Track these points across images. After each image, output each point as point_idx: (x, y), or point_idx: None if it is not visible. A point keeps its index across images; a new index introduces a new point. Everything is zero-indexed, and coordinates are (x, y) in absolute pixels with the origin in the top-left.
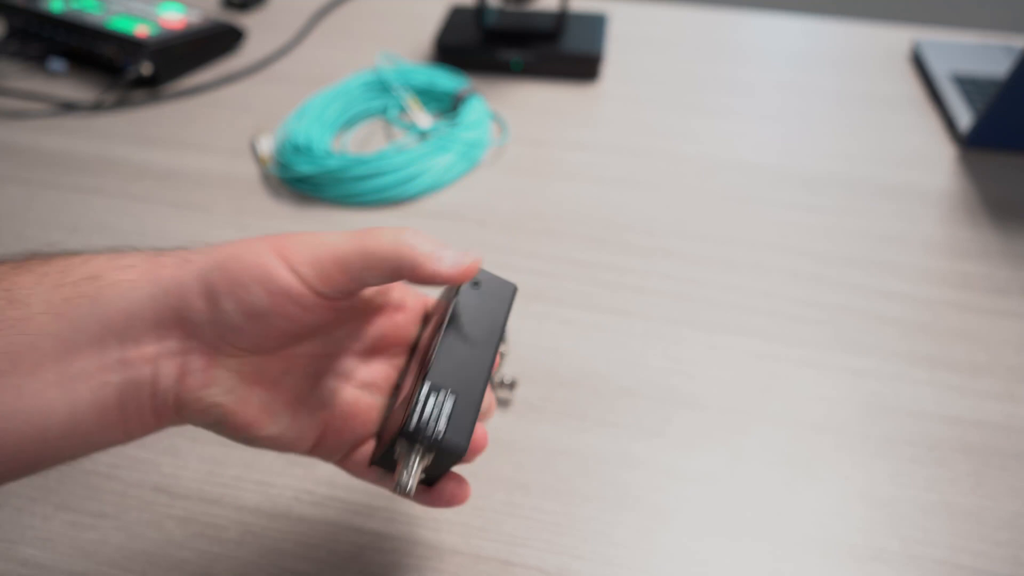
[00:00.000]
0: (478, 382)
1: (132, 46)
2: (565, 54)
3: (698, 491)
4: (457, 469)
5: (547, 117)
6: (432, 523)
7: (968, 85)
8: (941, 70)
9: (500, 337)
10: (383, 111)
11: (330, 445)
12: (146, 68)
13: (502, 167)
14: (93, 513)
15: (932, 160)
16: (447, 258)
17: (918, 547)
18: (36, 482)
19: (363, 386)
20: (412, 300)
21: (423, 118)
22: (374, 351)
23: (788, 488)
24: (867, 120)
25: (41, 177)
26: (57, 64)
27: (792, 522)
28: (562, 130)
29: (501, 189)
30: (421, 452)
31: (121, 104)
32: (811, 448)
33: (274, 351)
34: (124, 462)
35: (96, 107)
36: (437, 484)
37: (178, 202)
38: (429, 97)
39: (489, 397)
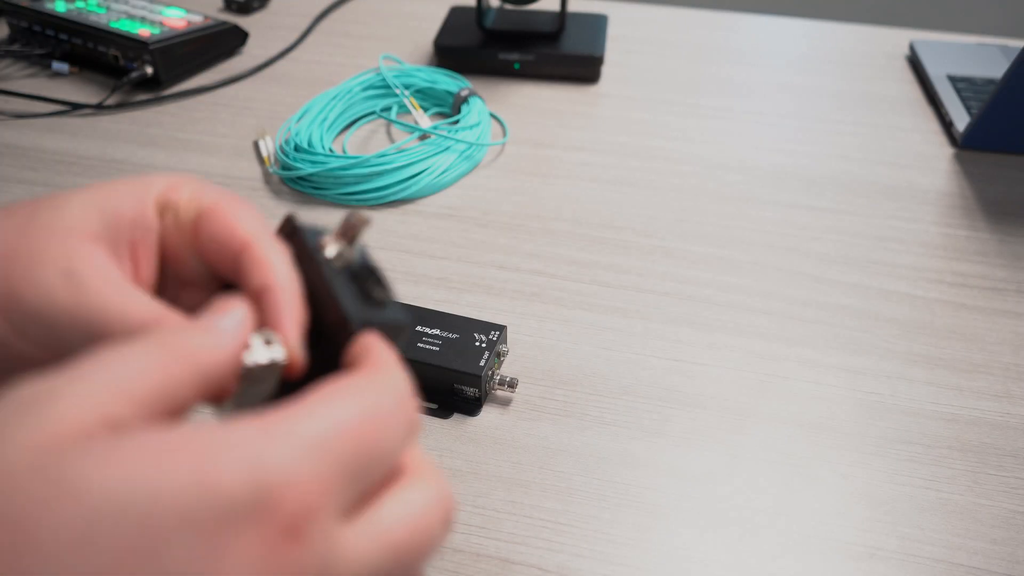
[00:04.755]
0: None
1: (135, 47)
2: (566, 55)
3: (697, 490)
4: None
5: (547, 117)
6: None
7: (964, 86)
8: (937, 71)
9: None
10: (384, 112)
11: None
12: (149, 69)
13: (502, 167)
14: None
15: (929, 161)
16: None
17: (915, 545)
18: None
19: None
20: None
21: (424, 119)
22: None
23: (786, 487)
24: (865, 121)
25: (45, 178)
26: (60, 65)
27: (790, 521)
28: (562, 130)
29: (501, 189)
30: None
31: (124, 105)
32: (809, 447)
33: None
34: None
35: (99, 108)
36: None
37: None
38: (430, 98)
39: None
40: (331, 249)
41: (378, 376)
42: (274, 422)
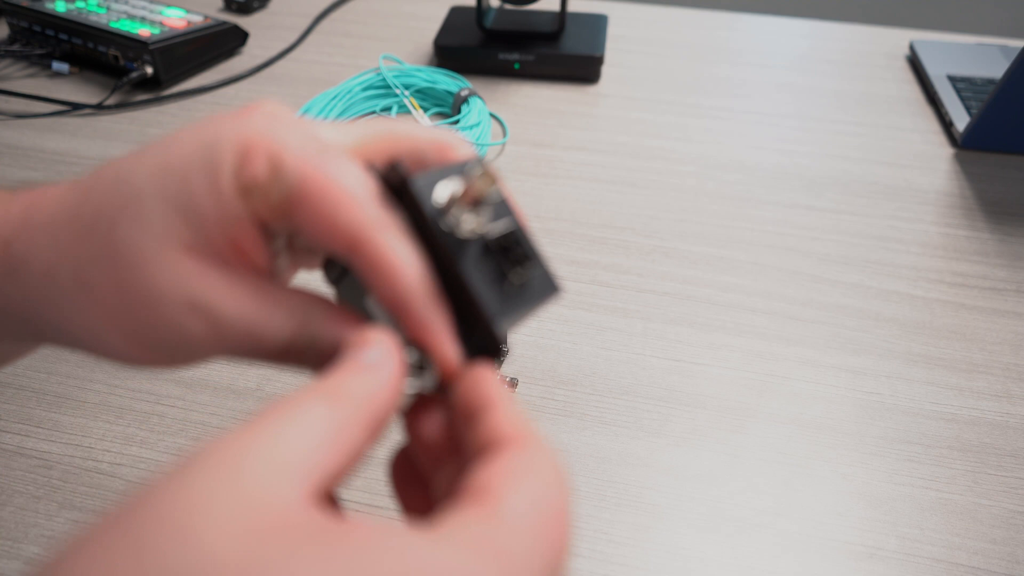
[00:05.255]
0: None
1: (136, 47)
2: (566, 55)
3: (697, 490)
4: None
5: (547, 117)
6: None
7: (964, 86)
8: (937, 71)
9: None
10: (384, 112)
11: None
12: (149, 69)
13: (502, 168)
14: (97, 511)
15: (929, 160)
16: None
17: (915, 545)
18: (40, 480)
19: None
20: None
21: (424, 119)
22: None
23: (786, 487)
24: (865, 121)
25: (45, 177)
26: (60, 65)
27: (790, 521)
28: (562, 130)
29: None
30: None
31: (124, 105)
32: (809, 447)
33: None
34: (127, 461)
35: (99, 108)
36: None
37: None
38: (430, 98)
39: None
40: (457, 217)
41: (539, 460)
42: (481, 543)
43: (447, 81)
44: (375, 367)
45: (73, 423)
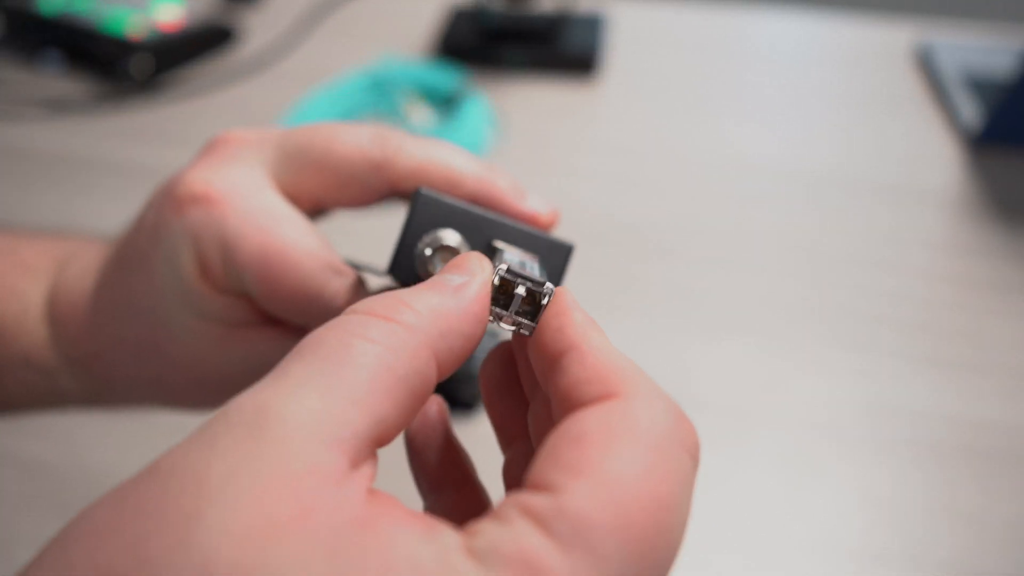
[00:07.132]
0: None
1: (130, 46)
2: (565, 54)
3: (698, 492)
4: None
5: (548, 117)
6: None
7: (971, 82)
8: (944, 67)
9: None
10: (382, 110)
11: None
12: (141, 67)
13: (502, 167)
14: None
15: (934, 158)
16: (532, 197)
17: (919, 548)
18: (35, 483)
19: None
20: None
21: (422, 117)
22: None
23: (788, 489)
24: (869, 118)
25: (36, 178)
26: (52, 64)
27: (793, 522)
28: (563, 130)
29: None
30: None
31: (117, 104)
32: (811, 449)
33: None
34: (124, 462)
35: (94, 107)
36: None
37: None
38: (428, 96)
39: None
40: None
41: (644, 412)
42: (586, 542)
43: (446, 79)
44: (452, 287)
45: (65, 425)
